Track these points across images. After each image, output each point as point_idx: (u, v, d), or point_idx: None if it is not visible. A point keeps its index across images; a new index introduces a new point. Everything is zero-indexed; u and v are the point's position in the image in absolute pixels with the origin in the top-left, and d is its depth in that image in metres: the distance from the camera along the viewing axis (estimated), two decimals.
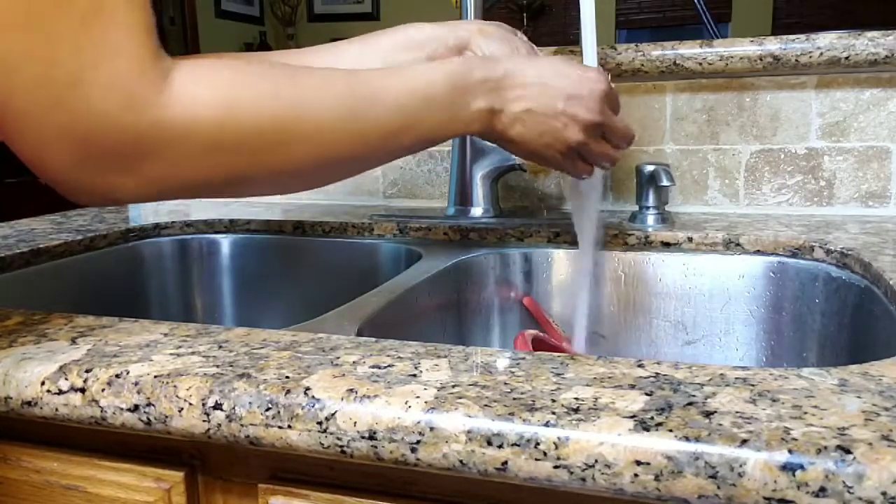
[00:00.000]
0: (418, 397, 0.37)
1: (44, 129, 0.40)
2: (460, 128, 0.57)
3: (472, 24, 0.70)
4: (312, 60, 0.65)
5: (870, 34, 0.84)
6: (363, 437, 0.37)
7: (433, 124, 0.55)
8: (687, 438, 0.32)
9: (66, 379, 0.42)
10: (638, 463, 0.32)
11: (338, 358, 0.43)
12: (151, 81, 0.41)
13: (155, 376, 0.41)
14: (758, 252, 0.78)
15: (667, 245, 0.81)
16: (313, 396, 0.38)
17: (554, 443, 0.34)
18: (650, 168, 0.85)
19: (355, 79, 0.51)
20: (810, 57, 0.85)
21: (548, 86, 0.58)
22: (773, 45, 0.86)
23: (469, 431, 0.35)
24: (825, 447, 0.31)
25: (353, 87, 0.51)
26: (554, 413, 0.35)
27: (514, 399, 0.36)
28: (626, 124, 0.66)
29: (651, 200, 0.86)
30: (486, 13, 0.90)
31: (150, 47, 0.41)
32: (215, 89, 0.44)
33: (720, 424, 0.33)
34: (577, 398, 0.36)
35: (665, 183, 0.83)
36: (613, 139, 0.65)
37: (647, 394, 0.37)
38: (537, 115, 0.59)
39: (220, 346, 0.46)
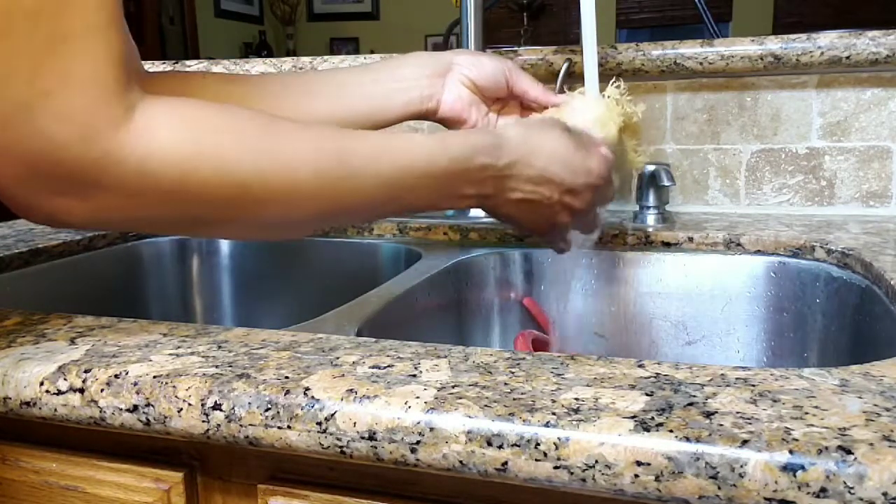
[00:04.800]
0: (418, 398, 0.37)
1: None
2: (446, 207, 0.56)
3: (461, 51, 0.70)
4: (312, 84, 0.64)
5: (871, 33, 0.84)
6: (363, 438, 0.37)
7: (420, 202, 0.53)
8: (687, 439, 0.32)
9: (65, 379, 0.42)
10: (638, 463, 0.32)
11: (337, 358, 0.43)
12: (110, 115, 0.40)
13: (154, 377, 0.41)
14: (758, 252, 0.77)
15: (667, 245, 0.81)
16: (313, 397, 0.38)
17: (554, 443, 0.34)
18: (650, 168, 0.85)
19: (342, 144, 0.48)
20: (811, 56, 0.85)
21: (550, 179, 0.57)
22: (774, 44, 0.86)
23: (469, 432, 0.35)
24: (826, 448, 0.31)
25: (339, 153, 0.48)
26: (554, 413, 0.35)
27: (514, 399, 0.36)
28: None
29: (651, 200, 0.86)
30: (486, 13, 0.89)
31: (115, 80, 0.40)
32: (179, 131, 0.42)
33: (721, 425, 0.33)
34: (577, 398, 0.36)
35: (665, 183, 0.83)
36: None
37: (647, 394, 0.36)
38: (533, 204, 0.58)
39: (220, 347, 0.45)
